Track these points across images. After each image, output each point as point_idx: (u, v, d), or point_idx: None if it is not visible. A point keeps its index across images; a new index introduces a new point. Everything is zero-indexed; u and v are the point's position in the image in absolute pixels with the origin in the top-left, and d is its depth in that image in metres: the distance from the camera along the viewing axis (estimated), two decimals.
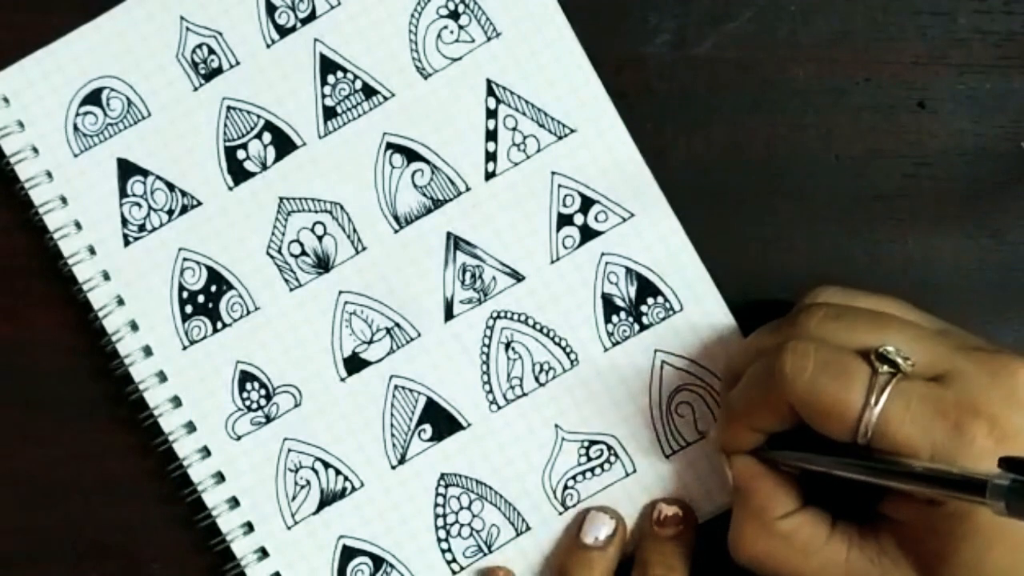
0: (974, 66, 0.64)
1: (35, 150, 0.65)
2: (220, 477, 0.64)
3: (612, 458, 0.63)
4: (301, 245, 0.65)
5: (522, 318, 0.64)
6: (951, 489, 0.49)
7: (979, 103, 0.64)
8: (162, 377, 0.64)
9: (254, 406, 0.64)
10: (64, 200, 0.65)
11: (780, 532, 0.57)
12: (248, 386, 0.64)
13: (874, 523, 0.56)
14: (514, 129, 0.64)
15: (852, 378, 0.53)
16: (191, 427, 0.64)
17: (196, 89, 0.65)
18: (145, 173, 0.65)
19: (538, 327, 0.64)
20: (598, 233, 0.64)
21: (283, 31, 0.65)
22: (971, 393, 0.52)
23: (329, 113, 0.65)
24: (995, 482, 0.45)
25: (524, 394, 0.64)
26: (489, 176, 0.64)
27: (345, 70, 0.65)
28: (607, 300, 0.64)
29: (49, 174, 0.65)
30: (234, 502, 0.64)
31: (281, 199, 0.65)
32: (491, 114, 0.64)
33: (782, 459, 0.58)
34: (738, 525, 0.58)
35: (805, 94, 0.64)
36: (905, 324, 0.56)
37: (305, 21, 0.65)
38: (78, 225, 0.65)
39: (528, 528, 0.64)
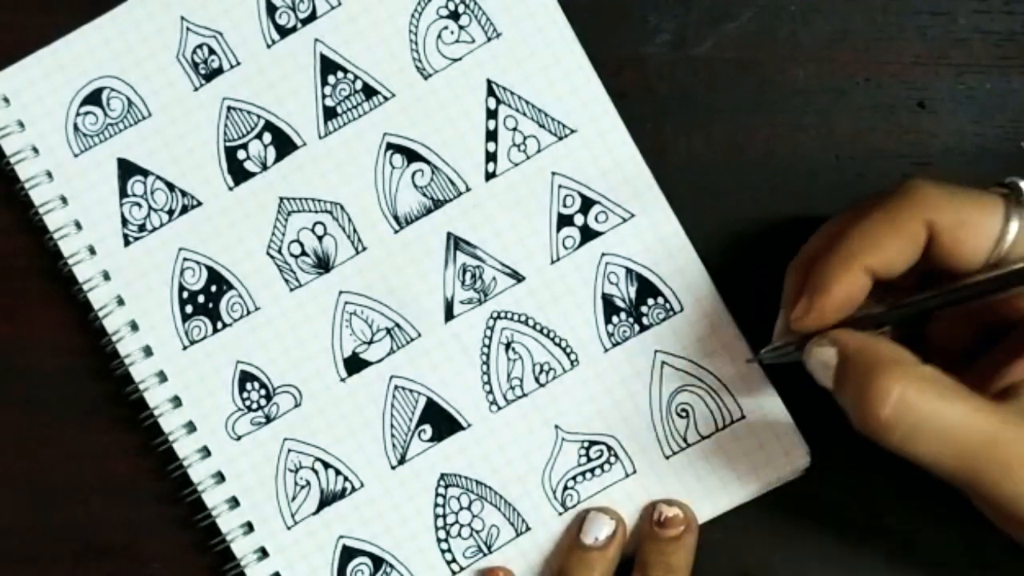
0: (974, 66, 0.64)
1: (35, 150, 0.65)
2: (220, 477, 0.64)
3: (612, 459, 0.63)
4: (301, 245, 0.65)
5: (522, 318, 0.64)
6: None
7: (979, 103, 0.64)
8: (162, 377, 0.64)
9: (254, 406, 0.64)
10: (64, 200, 0.65)
11: (927, 374, 0.51)
12: (248, 386, 0.64)
13: (1004, 394, 0.53)
14: (514, 129, 0.64)
15: (988, 195, 0.53)
16: (191, 427, 0.64)
17: (196, 89, 0.65)
18: (145, 173, 0.65)
19: (538, 327, 0.64)
20: (598, 233, 0.64)
21: (283, 31, 0.65)
22: None
23: (329, 113, 0.65)
24: None
25: (524, 394, 0.64)
26: (489, 176, 0.64)
27: (345, 70, 0.65)
28: (607, 300, 0.64)
29: (49, 174, 0.65)
30: (234, 502, 0.64)
31: (281, 199, 0.65)
32: (491, 114, 0.64)
33: (883, 330, 0.55)
34: (873, 377, 0.51)
35: (805, 94, 0.64)
36: None
37: (305, 21, 0.65)
38: (78, 225, 0.65)
39: (528, 528, 0.64)
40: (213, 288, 0.65)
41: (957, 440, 0.50)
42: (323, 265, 0.64)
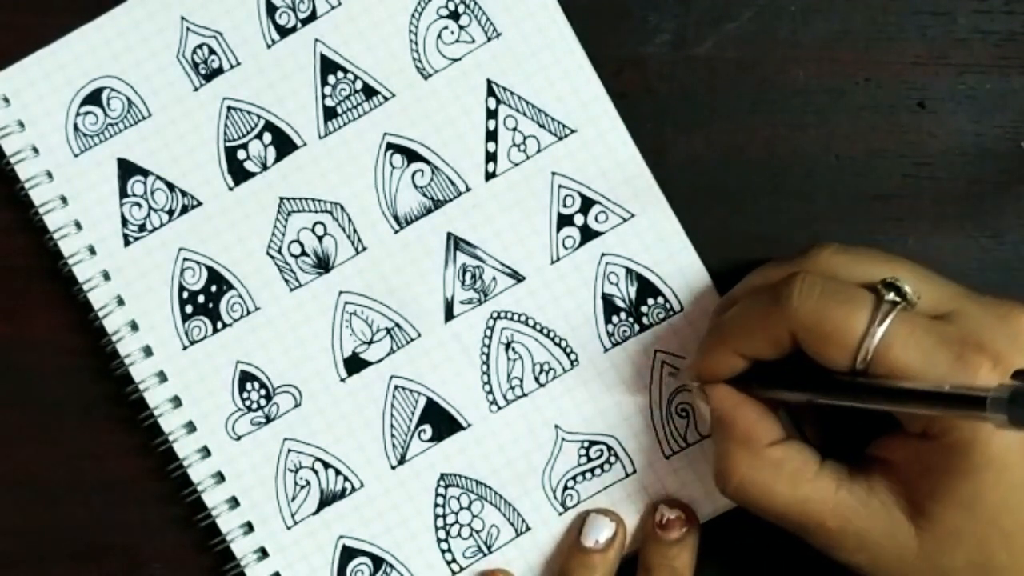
0: (974, 66, 0.64)
1: (35, 150, 0.65)
2: (220, 477, 0.64)
3: (612, 458, 0.63)
4: (301, 245, 0.65)
5: (522, 318, 0.64)
6: (949, 407, 0.49)
7: (979, 103, 0.63)
8: (162, 377, 0.64)
9: (254, 406, 0.64)
10: (64, 200, 0.65)
11: (769, 459, 0.56)
12: (248, 386, 0.64)
13: (863, 465, 0.56)
14: (514, 129, 0.64)
15: (857, 303, 0.53)
16: (191, 427, 0.64)
17: (196, 89, 0.65)
18: (145, 173, 0.65)
19: (538, 327, 0.64)
20: (598, 233, 0.64)
21: (284, 31, 0.65)
22: (977, 331, 0.53)
23: (329, 113, 0.65)
24: (995, 395, 0.44)
25: (524, 394, 0.64)
26: (489, 176, 0.64)
27: (345, 70, 0.65)
28: (607, 300, 0.64)
29: (49, 174, 0.65)
30: (234, 502, 0.64)
31: (281, 199, 0.65)
32: (491, 114, 0.64)
33: (764, 393, 0.57)
34: (724, 454, 0.57)
35: (805, 94, 0.64)
36: (914, 264, 0.56)
37: (306, 21, 0.65)
38: (78, 225, 0.65)
39: (528, 528, 0.64)
40: (213, 288, 0.65)
41: (789, 519, 0.56)
42: (323, 265, 0.64)
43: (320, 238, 0.64)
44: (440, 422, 0.64)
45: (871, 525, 0.54)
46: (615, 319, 0.64)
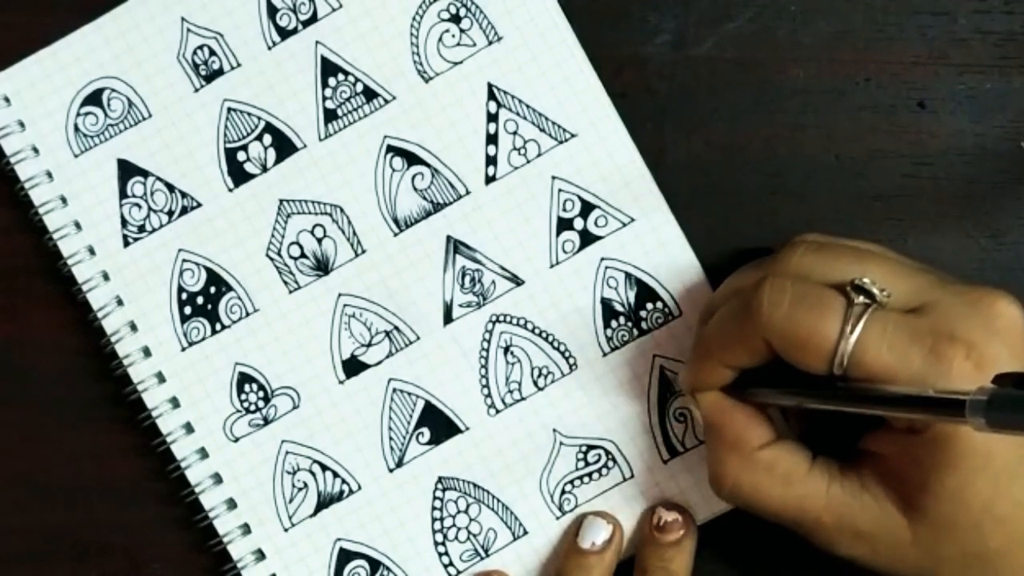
0: (974, 66, 0.63)
1: (35, 150, 0.65)
2: (218, 478, 0.64)
3: (610, 463, 0.63)
4: (301, 247, 0.65)
5: (521, 322, 0.64)
6: (929, 411, 0.49)
7: (979, 103, 0.63)
8: (161, 378, 0.64)
9: (252, 408, 0.64)
10: (64, 200, 0.65)
11: (761, 462, 0.57)
12: (246, 388, 0.64)
13: (855, 459, 0.56)
14: (515, 133, 0.64)
15: (828, 309, 0.53)
16: (189, 428, 0.64)
17: (197, 90, 0.65)
18: (145, 174, 0.65)
19: (537, 331, 0.64)
20: (598, 238, 0.64)
21: (284, 33, 0.65)
22: (948, 321, 0.52)
23: (330, 115, 0.65)
24: (973, 398, 0.44)
25: (522, 398, 0.63)
26: (489, 180, 0.64)
27: (346, 72, 0.65)
28: (606, 305, 0.63)
29: (49, 174, 0.65)
30: (232, 503, 0.64)
31: (281, 201, 0.65)
32: (492, 118, 0.64)
33: (754, 397, 0.57)
34: (717, 460, 0.58)
35: (805, 94, 0.64)
36: (885, 258, 0.56)
37: (306, 23, 0.65)
38: (78, 225, 0.65)
39: (525, 532, 0.63)
40: (212, 289, 0.65)
41: (785, 518, 0.57)
42: (322, 267, 0.64)
43: (319, 240, 0.64)
44: (438, 425, 0.64)
45: (865, 519, 0.55)
46: (614, 323, 0.63)
